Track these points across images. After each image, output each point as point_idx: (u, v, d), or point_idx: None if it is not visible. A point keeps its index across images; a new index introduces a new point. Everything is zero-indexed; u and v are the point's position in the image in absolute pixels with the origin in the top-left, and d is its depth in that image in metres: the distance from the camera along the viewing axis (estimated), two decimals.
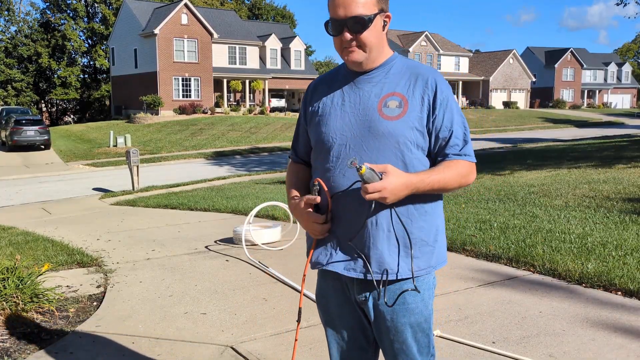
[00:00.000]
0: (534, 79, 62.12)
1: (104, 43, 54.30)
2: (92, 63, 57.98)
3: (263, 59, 46.56)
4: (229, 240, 6.54)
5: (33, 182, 18.11)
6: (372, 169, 1.65)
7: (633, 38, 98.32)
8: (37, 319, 4.03)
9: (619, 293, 4.13)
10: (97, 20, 57.18)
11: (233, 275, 5.08)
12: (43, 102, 57.85)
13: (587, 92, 69.35)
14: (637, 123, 45.23)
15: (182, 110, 38.89)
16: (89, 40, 57.37)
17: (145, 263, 5.68)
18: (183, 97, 40.60)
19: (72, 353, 3.49)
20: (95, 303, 4.46)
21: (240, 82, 44.19)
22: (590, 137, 29.80)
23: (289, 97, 50.01)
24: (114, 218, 8.91)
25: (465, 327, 3.64)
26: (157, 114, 38.78)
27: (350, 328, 1.95)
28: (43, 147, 27.65)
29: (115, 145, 27.78)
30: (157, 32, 38.89)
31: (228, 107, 42.97)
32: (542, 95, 63.90)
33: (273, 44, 47.04)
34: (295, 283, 4.66)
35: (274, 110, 44.93)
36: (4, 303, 4.01)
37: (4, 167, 22.16)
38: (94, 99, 56.77)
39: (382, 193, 1.66)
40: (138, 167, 14.12)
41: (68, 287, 4.87)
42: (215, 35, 41.45)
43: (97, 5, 56.18)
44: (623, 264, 4.59)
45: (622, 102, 73.15)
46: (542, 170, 12.41)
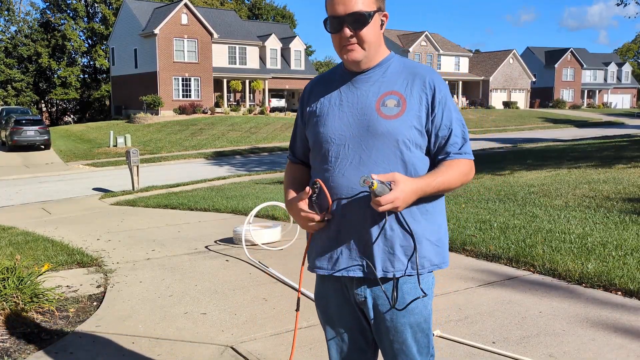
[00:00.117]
0: (534, 79, 62.13)
1: (104, 43, 54.30)
2: (92, 63, 57.99)
3: (263, 59, 46.56)
4: (229, 240, 6.54)
5: (33, 182, 18.11)
6: (381, 182, 1.65)
7: (633, 38, 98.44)
8: (37, 319, 4.03)
9: (619, 293, 4.13)
10: (97, 20, 57.19)
11: (233, 275, 5.08)
12: (43, 102, 57.85)
13: (587, 92, 69.36)
14: (637, 123, 45.24)
15: (182, 110, 38.90)
16: (89, 40, 57.37)
17: (145, 263, 5.68)
18: (183, 97, 40.61)
19: (72, 353, 3.49)
20: (95, 303, 4.46)
21: (240, 82, 44.20)
22: (590, 137, 29.81)
23: (289, 97, 50.01)
24: (114, 218, 8.91)
25: (465, 327, 3.64)
26: (157, 114, 38.79)
27: (350, 329, 1.95)
28: (43, 147, 27.65)
29: (115, 145, 27.79)
30: (157, 32, 38.90)
31: (228, 107, 42.97)
32: (542, 95, 63.91)
33: (273, 44, 47.05)
34: (296, 283, 4.66)
35: (274, 110, 44.94)
36: (4, 303, 4.01)
37: (4, 167, 22.16)
38: (94, 99, 56.77)
39: (394, 204, 1.67)
40: (138, 167, 14.12)
41: (68, 287, 4.87)
42: (215, 35, 41.46)
43: (97, 5, 56.18)
44: (623, 264, 4.59)
45: (622, 102, 73.16)
46: (542, 170, 12.41)
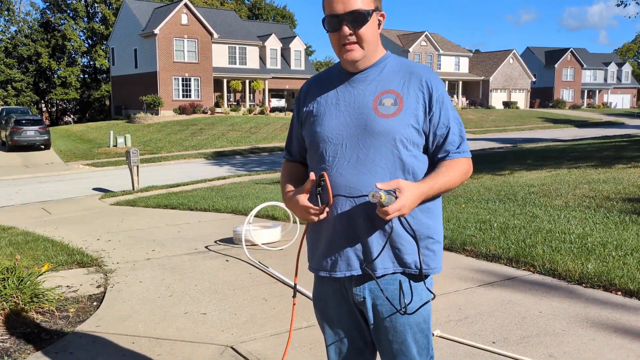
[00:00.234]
0: (534, 79, 62.13)
1: (104, 43, 54.31)
2: (92, 63, 58.00)
3: (263, 59, 46.56)
4: (229, 240, 6.54)
5: (33, 182, 18.11)
6: (388, 192, 1.65)
7: (633, 38, 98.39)
8: (37, 319, 4.03)
9: (619, 293, 4.13)
10: (97, 20, 57.19)
11: (233, 275, 5.08)
12: (43, 102, 57.85)
13: (587, 92, 69.36)
14: (637, 123, 45.24)
15: (182, 110, 38.90)
16: (89, 40, 57.37)
17: (145, 263, 5.68)
18: (183, 97, 40.60)
19: (72, 353, 3.49)
20: (95, 303, 4.46)
21: (240, 82, 44.20)
22: (590, 137, 29.81)
23: (289, 97, 50.01)
24: (114, 218, 8.91)
25: (465, 327, 3.64)
26: (157, 114, 38.79)
27: (348, 330, 1.95)
28: (43, 147, 27.66)
29: (115, 145, 27.79)
30: (157, 32, 38.90)
31: (228, 107, 42.97)
32: (542, 95, 63.90)
33: (273, 44, 47.04)
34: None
35: (274, 110, 44.95)
36: (4, 303, 4.01)
37: (4, 167, 22.16)
38: (94, 99, 56.77)
39: (401, 211, 1.68)
40: (138, 167, 14.12)
41: (68, 287, 4.87)
42: (215, 35, 41.45)
43: (97, 5, 56.18)
44: (623, 264, 4.59)
45: (622, 102, 73.15)
46: (542, 170, 12.41)
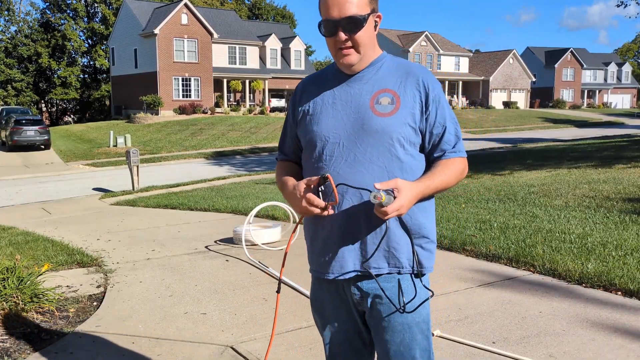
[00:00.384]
0: (534, 79, 62.12)
1: (104, 43, 54.31)
2: (92, 63, 57.99)
3: (263, 59, 46.56)
4: (229, 240, 6.54)
5: (33, 182, 18.11)
6: (386, 192, 1.65)
7: (633, 38, 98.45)
8: (37, 319, 4.03)
9: (619, 293, 4.13)
10: (97, 20, 57.19)
11: (233, 275, 5.08)
12: (43, 102, 57.85)
13: (587, 92, 69.36)
14: (637, 123, 45.24)
15: (182, 110, 38.90)
16: (89, 40, 57.37)
17: (145, 263, 5.68)
18: (183, 97, 40.60)
19: (72, 353, 3.49)
20: (95, 303, 4.46)
21: (240, 82, 44.19)
22: (590, 137, 29.80)
23: (289, 97, 49.99)
24: (114, 218, 8.91)
25: (465, 327, 3.64)
26: (157, 114, 38.78)
27: (346, 331, 1.95)
28: (43, 147, 27.65)
29: (115, 145, 27.79)
30: (157, 32, 38.89)
31: (228, 107, 42.97)
32: (542, 95, 63.90)
33: (273, 44, 47.04)
34: (295, 283, 4.66)
35: (274, 110, 44.95)
36: (4, 303, 4.01)
37: (4, 167, 22.16)
38: (94, 99, 56.77)
39: (399, 211, 1.68)
40: (138, 167, 14.11)
41: (68, 287, 4.87)
42: (215, 35, 41.45)
43: (97, 5, 56.18)
44: (623, 264, 4.59)
45: (622, 102, 73.15)
46: (542, 170, 12.41)
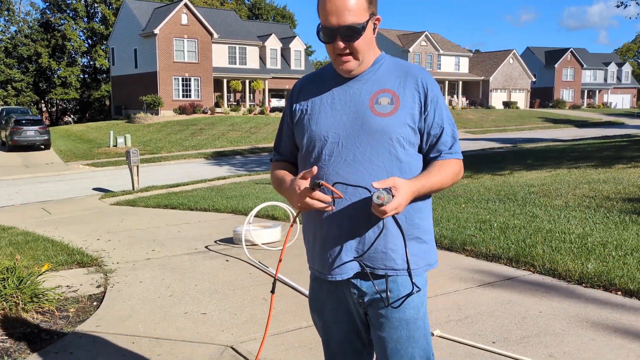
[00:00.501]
0: (534, 79, 62.12)
1: (104, 43, 54.31)
2: (92, 63, 58.00)
3: (263, 59, 46.56)
4: (229, 240, 6.55)
5: (33, 182, 18.11)
6: (384, 191, 1.64)
7: (633, 38, 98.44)
8: (37, 319, 4.03)
9: (619, 293, 4.13)
10: (97, 20, 57.19)
11: (233, 275, 5.09)
12: (43, 102, 57.85)
13: (587, 92, 69.36)
14: (637, 123, 45.24)
15: (182, 110, 38.90)
16: (89, 40, 57.37)
17: (145, 263, 5.68)
18: (183, 97, 40.60)
19: (72, 353, 3.49)
20: (95, 303, 4.46)
21: (240, 82, 44.19)
22: (590, 137, 29.80)
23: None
24: (114, 218, 8.91)
25: (465, 327, 3.64)
26: (157, 114, 38.78)
27: (346, 331, 1.95)
28: (43, 147, 27.65)
29: (115, 145, 27.79)
30: (157, 32, 38.89)
31: (228, 107, 42.97)
32: (542, 95, 63.90)
33: (273, 44, 47.04)
34: (295, 283, 4.66)
35: (274, 110, 44.94)
36: (4, 303, 4.01)
37: (4, 167, 22.16)
38: (94, 99, 56.77)
39: (397, 210, 1.68)
40: (138, 167, 14.12)
41: (68, 287, 4.87)
42: (215, 35, 41.45)
43: (97, 5, 56.18)
44: (623, 264, 4.59)
45: (622, 102, 73.15)
46: (542, 170, 12.41)
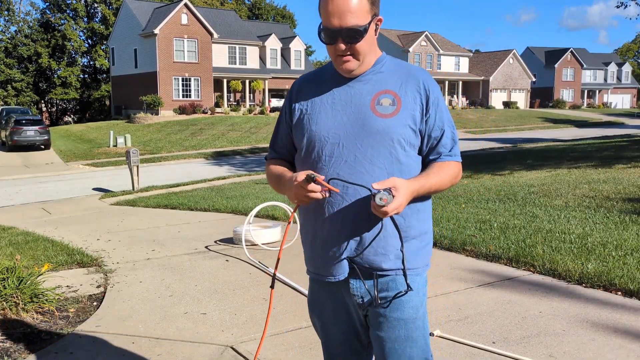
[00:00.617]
0: (534, 79, 62.12)
1: (104, 43, 54.31)
2: (92, 63, 58.00)
3: (263, 59, 46.56)
4: (229, 240, 6.54)
5: (33, 182, 18.11)
6: (385, 192, 1.64)
7: (633, 38, 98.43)
8: (37, 319, 4.03)
9: (619, 293, 4.13)
10: (97, 20, 57.18)
11: (233, 275, 5.08)
12: (43, 102, 57.85)
13: (587, 92, 69.35)
14: (637, 123, 45.24)
15: (182, 110, 38.90)
16: (89, 40, 57.37)
17: (145, 263, 5.68)
18: (183, 97, 40.60)
19: (72, 353, 3.49)
20: (95, 303, 4.46)
21: (240, 82, 44.19)
22: (590, 137, 29.80)
23: None
24: (114, 218, 8.91)
25: (465, 327, 3.64)
26: (157, 114, 38.78)
27: (345, 332, 1.95)
28: (43, 147, 27.65)
29: (115, 145, 27.79)
30: (157, 32, 38.89)
31: (228, 107, 42.97)
32: (542, 95, 63.90)
33: (273, 44, 47.04)
34: (295, 283, 4.66)
35: (274, 110, 44.93)
36: (4, 303, 4.01)
37: (4, 167, 22.15)
38: (94, 99, 56.77)
39: (397, 210, 1.67)
40: (138, 167, 14.12)
41: (68, 287, 4.87)
42: (215, 35, 41.45)
43: (97, 5, 56.18)
44: (623, 264, 4.59)
45: (622, 102, 73.15)
46: (542, 170, 12.41)
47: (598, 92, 70.88)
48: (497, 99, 58.37)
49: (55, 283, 4.83)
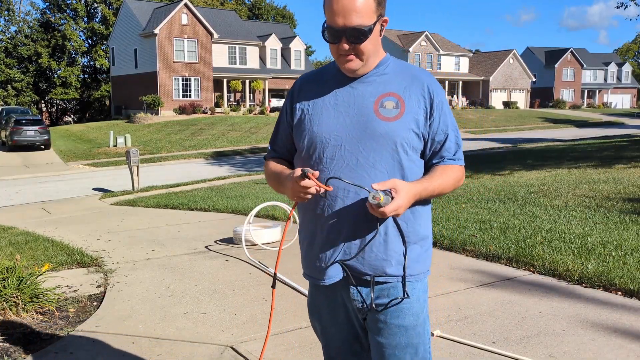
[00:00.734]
0: (534, 79, 62.13)
1: (104, 43, 54.31)
2: (92, 63, 58.00)
3: (263, 59, 46.56)
4: (229, 240, 6.54)
5: (33, 182, 18.11)
6: (384, 192, 1.62)
7: (633, 38, 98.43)
8: (37, 319, 4.03)
9: (619, 293, 4.13)
10: (97, 20, 57.19)
11: (233, 275, 5.08)
12: (43, 102, 57.85)
13: (587, 92, 69.36)
14: (637, 123, 45.24)
15: (182, 110, 38.90)
16: (89, 40, 57.38)
17: (145, 263, 5.68)
18: (183, 97, 40.61)
19: (72, 353, 3.49)
20: (95, 303, 4.46)
21: (240, 82, 44.20)
22: (590, 137, 29.80)
23: None
24: (114, 218, 8.91)
25: (465, 327, 3.64)
26: (157, 114, 38.79)
27: (345, 335, 1.93)
28: (43, 147, 27.66)
29: (115, 145, 27.79)
30: (157, 32, 38.90)
31: (228, 107, 42.97)
32: (542, 95, 63.90)
33: (273, 44, 47.05)
34: (295, 283, 4.66)
35: (274, 110, 44.93)
36: (4, 303, 4.01)
37: (4, 167, 22.16)
38: (94, 99, 56.77)
39: (397, 211, 1.65)
40: (138, 167, 14.12)
41: (68, 287, 4.87)
42: (215, 35, 41.46)
43: (97, 5, 56.19)
44: (623, 264, 4.59)
45: (622, 102, 73.16)
46: (542, 170, 12.41)
47: (598, 92, 70.89)
48: (497, 99, 58.37)
49: (55, 283, 4.83)
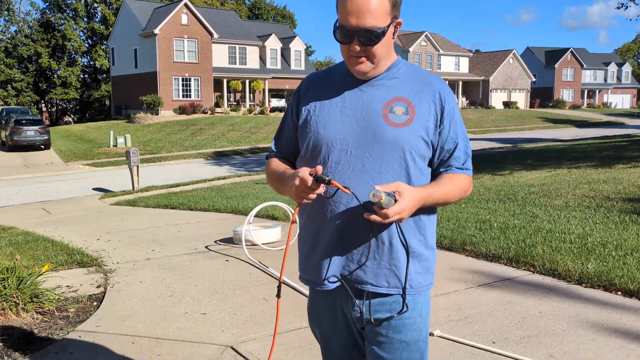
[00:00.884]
0: (534, 79, 62.13)
1: (104, 43, 54.32)
2: (92, 63, 57.99)
3: (263, 59, 46.56)
4: (229, 240, 6.55)
5: (33, 182, 18.11)
6: (388, 194, 1.57)
7: (633, 38, 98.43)
8: (37, 319, 4.03)
9: (619, 293, 4.13)
10: (97, 20, 57.19)
11: (233, 275, 5.08)
12: (43, 102, 57.85)
13: (587, 92, 69.36)
14: (637, 123, 45.24)
15: (182, 110, 38.91)
16: (89, 40, 57.38)
17: (145, 263, 5.68)
18: (183, 97, 40.61)
19: (72, 353, 3.49)
20: (95, 303, 4.46)
21: (240, 82, 44.20)
22: (590, 137, 29.81)
23: (289, 97, 50.00)
24: (114, 218, 8.91)
25: (465, 327, 3.64)
26: (157, 114, 38.79)
27: (344, 342, 1.91)
28: (43, 147, 27.66)
29: (115, 145, 27.79)
30: (157, 32, 38.90)
31: (228, 107, 42.98)
32: (542, 95, 63.91)
33: (273, 44, 47.05)
34: (295, 283, 4.66)
35: (274, 110, 44.95)
36: (4, 303, 4.01)
37: (4, 167, 22.15)
38: (94, 99, 56.78)
39: (401, 215, 1.60)
40: (138, 167, 14.12)
41: (68, 287, 4.87)
42: (215, 35, 41.46)
43: (97, 5, 56.19)
44: (623, 264, 4.59)
45: (622, 102, 73.17)
46: (542, 170, 12.41)
47: (598, 92, 70.89)
48: (497, 99, 58.38)
49: (55, 283, 4.83)
